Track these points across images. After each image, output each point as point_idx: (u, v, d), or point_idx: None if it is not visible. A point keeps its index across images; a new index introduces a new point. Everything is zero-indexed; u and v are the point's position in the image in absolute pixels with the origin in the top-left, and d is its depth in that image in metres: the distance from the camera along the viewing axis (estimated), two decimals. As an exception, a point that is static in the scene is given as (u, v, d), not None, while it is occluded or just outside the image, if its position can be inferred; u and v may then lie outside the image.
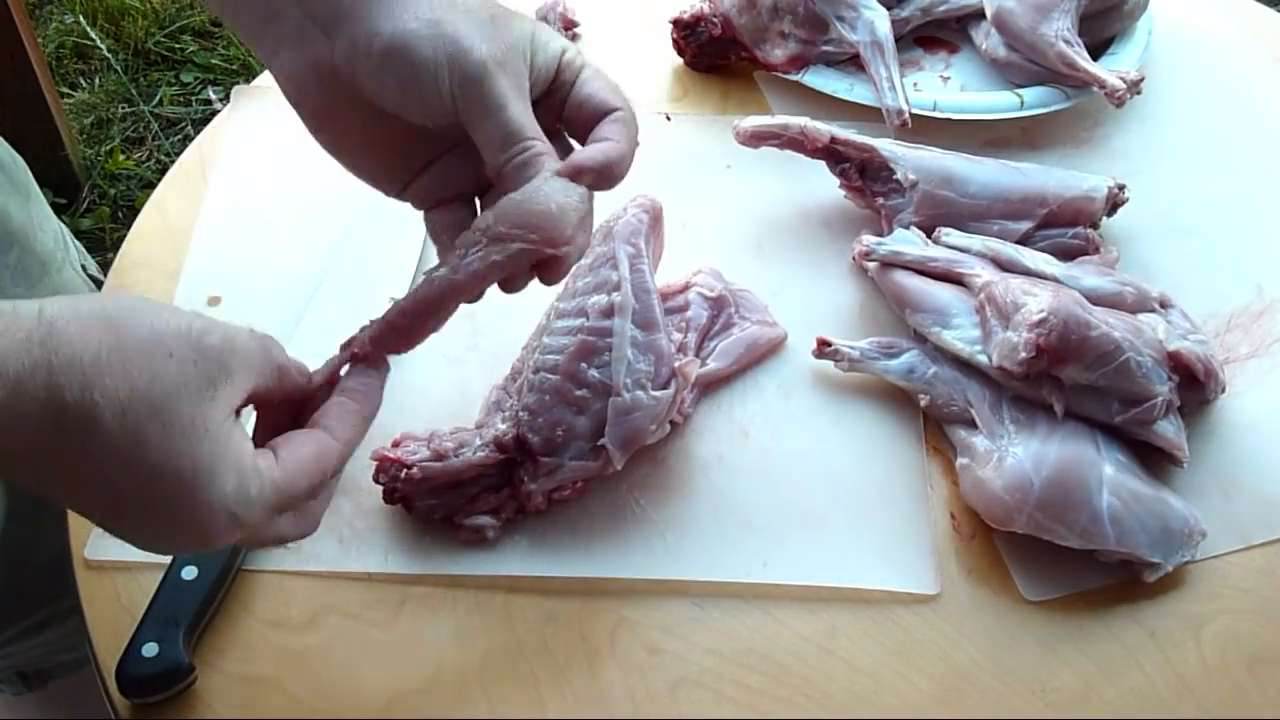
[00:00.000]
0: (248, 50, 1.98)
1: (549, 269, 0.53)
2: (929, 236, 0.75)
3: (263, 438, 0.47)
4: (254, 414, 0.51)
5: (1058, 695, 0.60)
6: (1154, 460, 0.67)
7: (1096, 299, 0.69)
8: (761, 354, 0.72)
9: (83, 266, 0.77)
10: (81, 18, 2.00)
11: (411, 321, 0.52)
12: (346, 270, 0.75)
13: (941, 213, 0.76)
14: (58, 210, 0.83)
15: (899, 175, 0.76)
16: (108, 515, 0.44)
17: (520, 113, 0.51)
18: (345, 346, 0.52)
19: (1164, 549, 0.63)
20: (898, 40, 0.86)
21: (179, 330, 0.42)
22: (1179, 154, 0.87)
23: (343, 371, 0.52)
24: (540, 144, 0.52)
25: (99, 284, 0.76)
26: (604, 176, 0.53)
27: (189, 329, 0.43)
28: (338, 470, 0.49)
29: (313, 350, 0.54)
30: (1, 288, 0.69)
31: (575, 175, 0.52)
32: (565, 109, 0.55)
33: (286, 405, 0.50)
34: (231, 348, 0.44)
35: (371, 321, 0.52)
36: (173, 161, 0.87)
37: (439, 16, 0.50)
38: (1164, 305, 0.72)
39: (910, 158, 0.77)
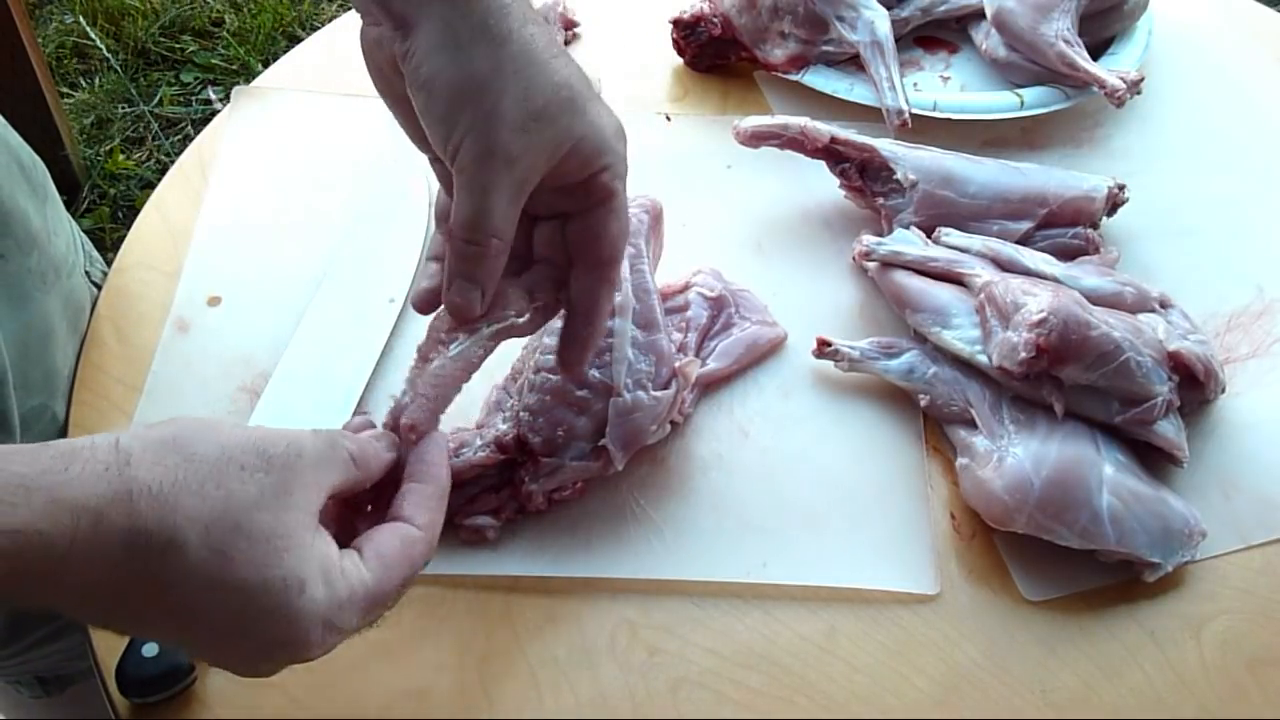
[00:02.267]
0: (247, 50, 1.98)
1: None
2: (929, 236, 0.75)
3: (340, 533, 0.47)
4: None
5: (1058, 695, 0.60)
6: (1154, 460, 0.67)
7: (1096, 299, 0.69)
8: (761, 354, 0.72)
9: (86, 272, 0.77)
10: (81, 18, 2.00)
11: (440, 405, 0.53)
12: (346, 270, 0.75)
13: (941, 213, 0.76)
14: (58, 211, 0.83)
15: (899, 175, 0.76)
16: (201, 642, 0.44)
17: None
18: (392, 421, 0.53)
19: (1164, 549, 0.63)
20: (898, 40, 0.86)
21: (245, 444, 0.43)
22: (1179, 154, 0.87)
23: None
24: None
25: (99, 288, 0.76)
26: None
27: (253, 442, 0.43)
28: (427, 558, 0.49)
29: (313, 351, 0.54)
30: (25, 291, 0.68)
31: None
32: (578, 225, 0.54)
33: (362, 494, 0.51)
34: (297, 452, 0.45)
35: (404, 391, 0.53)
36: (173, 161, 0.87)
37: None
38: (1164, 305, 0.72)
39: (910, 158, 0.77)
